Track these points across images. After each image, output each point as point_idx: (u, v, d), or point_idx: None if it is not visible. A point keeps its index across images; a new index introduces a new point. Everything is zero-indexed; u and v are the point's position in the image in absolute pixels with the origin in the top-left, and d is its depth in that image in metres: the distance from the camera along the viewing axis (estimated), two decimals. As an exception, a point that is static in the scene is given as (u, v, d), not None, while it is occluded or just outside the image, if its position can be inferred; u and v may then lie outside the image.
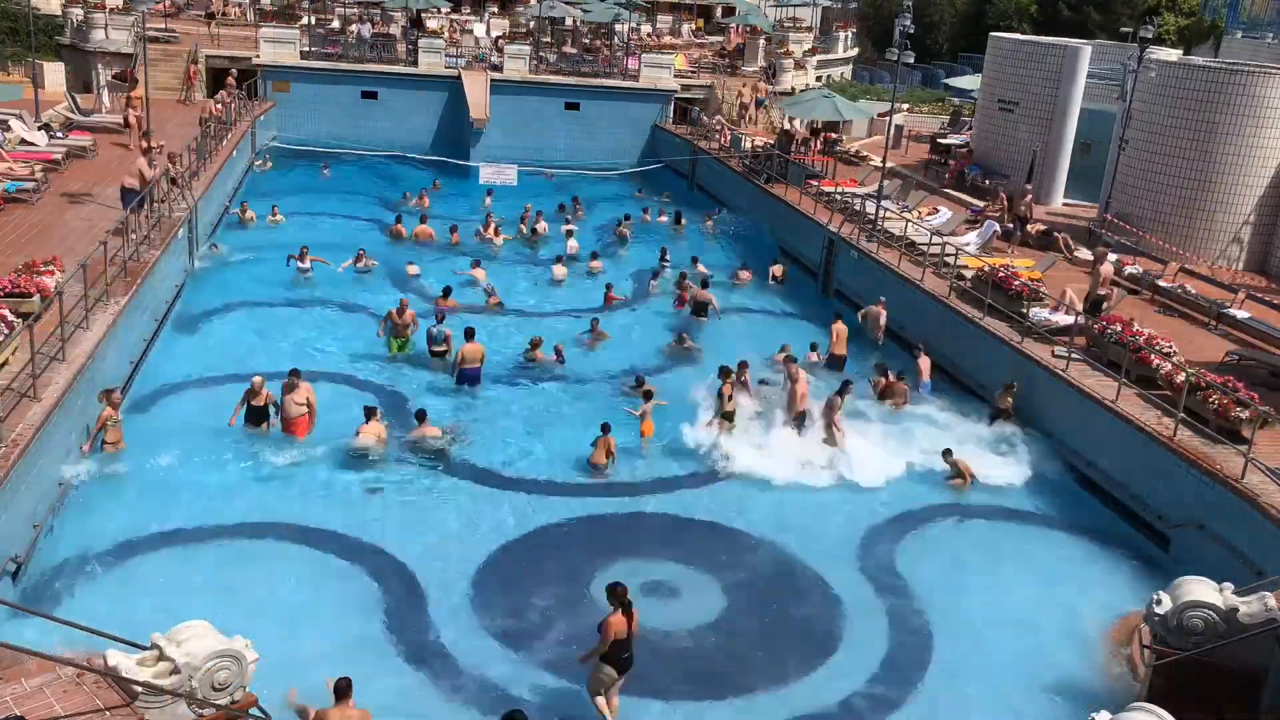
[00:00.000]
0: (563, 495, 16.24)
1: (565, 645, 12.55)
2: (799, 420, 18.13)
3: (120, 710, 7.98)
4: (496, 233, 29.66)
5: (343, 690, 9.79)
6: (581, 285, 26.55)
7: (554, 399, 19.73)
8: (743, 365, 19.06)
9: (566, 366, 20.77)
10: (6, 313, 15.14)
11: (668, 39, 54.45)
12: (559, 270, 26.78)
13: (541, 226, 30.52)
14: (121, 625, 11.11)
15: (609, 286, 25.35)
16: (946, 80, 48.91)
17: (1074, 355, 18.59)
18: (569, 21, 50.83)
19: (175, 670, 8.08)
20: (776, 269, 28.11)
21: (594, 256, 27.83)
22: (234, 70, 37.53)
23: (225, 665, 8.24)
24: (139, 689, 7.99)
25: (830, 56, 53.51)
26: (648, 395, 18.56)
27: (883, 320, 22.87)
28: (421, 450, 16.80)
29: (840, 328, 21.93)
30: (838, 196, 29.17)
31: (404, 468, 16.46)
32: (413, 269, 25.99)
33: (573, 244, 28.79)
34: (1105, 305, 20.91)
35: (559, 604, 13.47)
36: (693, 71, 46.44)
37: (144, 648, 8.43)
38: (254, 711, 8.53)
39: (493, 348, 20.72)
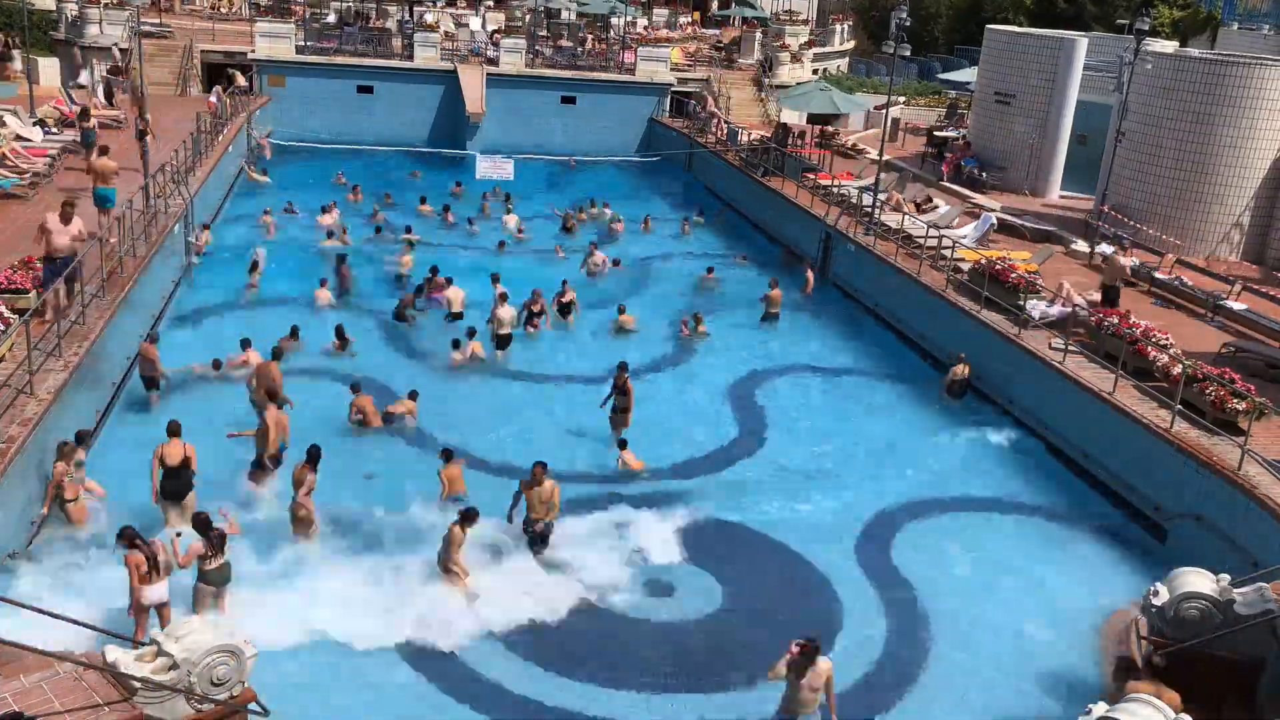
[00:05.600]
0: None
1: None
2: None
3: (119, 706, 7.97)
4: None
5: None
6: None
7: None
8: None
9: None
10: (3, 309, 15.12)
11: (664, 32, 54.42)
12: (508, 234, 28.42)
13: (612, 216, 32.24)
14: (120, 621, 11.22)
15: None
16: (942, 75, 48.81)
17: (1071, 348, 18.61)
18: (565, 15, 50.78)
19: (174, 666, 8.07)
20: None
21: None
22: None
23: (224, 660, 8.23)
24: (138, 684, 7.99)
25: (827, 49, 53.43)
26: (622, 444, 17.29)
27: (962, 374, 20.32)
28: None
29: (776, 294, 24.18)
30: (834, 190, 29.18)
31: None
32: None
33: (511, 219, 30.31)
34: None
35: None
36: (689, 65, 46.40)
37: (143, 643, 8.43)
38: (253, 706, 8.53)
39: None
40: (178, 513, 13.82)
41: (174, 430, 14.24)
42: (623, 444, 17.15)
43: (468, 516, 13.22)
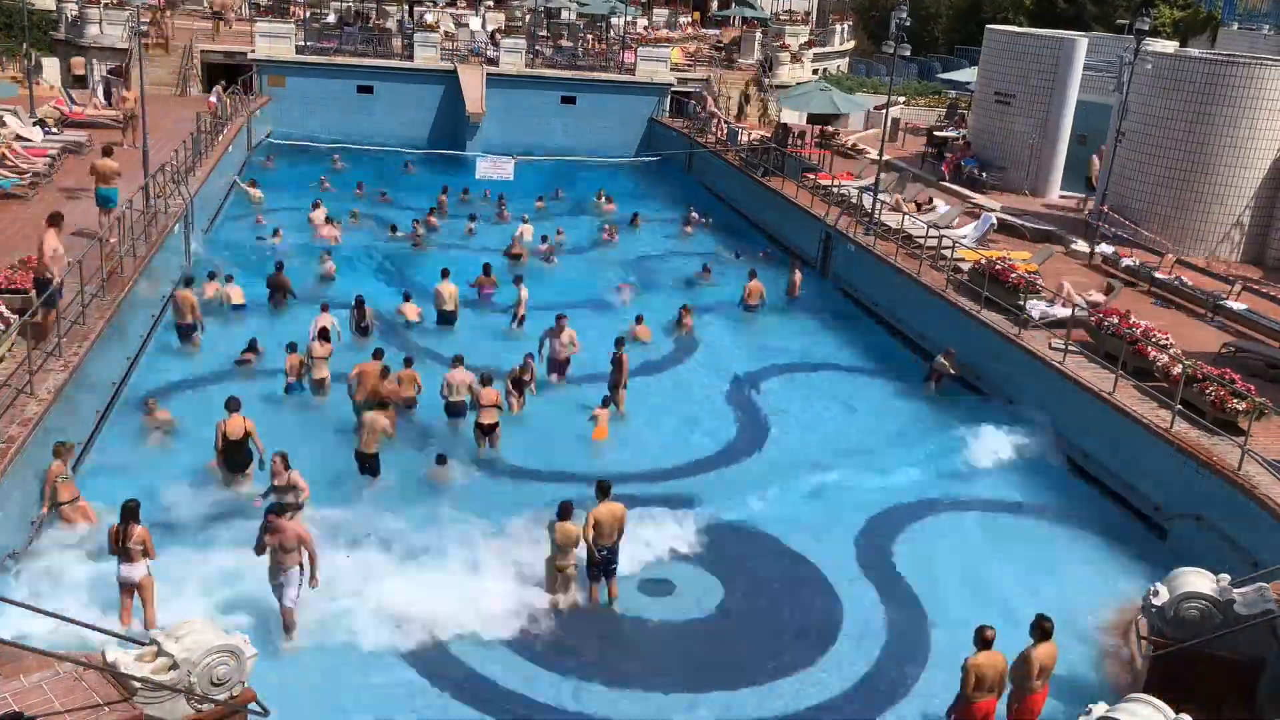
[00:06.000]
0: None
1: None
2: None
3: (119, 706, 7.98)
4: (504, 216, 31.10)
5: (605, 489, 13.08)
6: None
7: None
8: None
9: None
10: (2, 309, 15.12)
11: (664, 32, 54.41)
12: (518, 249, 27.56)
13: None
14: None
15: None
16: (942, 74, 48.80)
17: (1071, 347, 18.62)
18: (565, 15, 50.76)
19: (174, 666, 8.08)
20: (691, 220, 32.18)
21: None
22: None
23: (224, 660, 8.24)
24: (138, 684, 8.00)
25: (827, 49, 53.42)
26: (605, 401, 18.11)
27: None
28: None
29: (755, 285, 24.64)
30: (834, 190, 29.17)
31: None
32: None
33: (528, 229, 29.28)
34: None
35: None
36: (689, 65, 46.38)
37: (143, 643, 8.43)
38: (253, 706, 8.54)
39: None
40: (240, 482, 15.14)
41: (234, 406, 15.18)
42: (606, 401, 17.84)
43: (564, 510, 13.23)
